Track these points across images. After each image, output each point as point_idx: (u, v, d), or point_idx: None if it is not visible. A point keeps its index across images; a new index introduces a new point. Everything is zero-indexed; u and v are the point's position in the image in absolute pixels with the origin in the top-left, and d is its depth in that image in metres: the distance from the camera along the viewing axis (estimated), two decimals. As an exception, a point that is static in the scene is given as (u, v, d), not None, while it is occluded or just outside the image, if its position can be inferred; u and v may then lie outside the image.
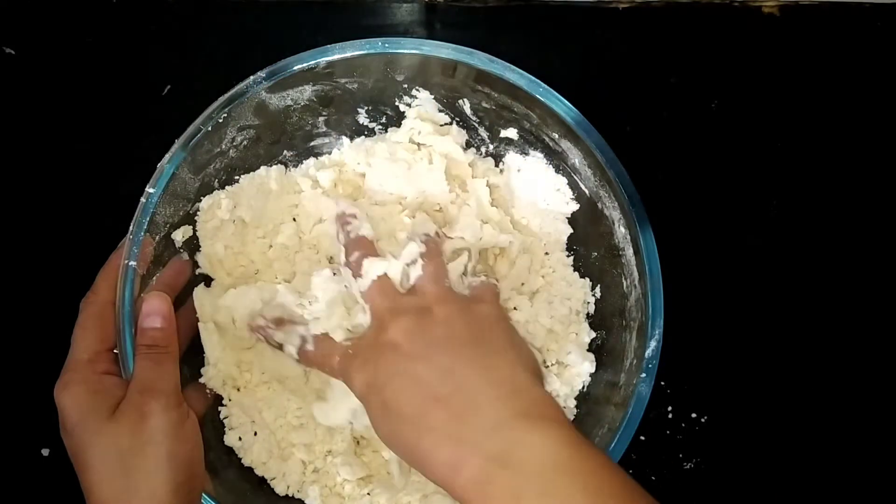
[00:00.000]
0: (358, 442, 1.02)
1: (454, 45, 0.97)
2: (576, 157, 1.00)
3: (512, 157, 1.09)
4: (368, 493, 0.98)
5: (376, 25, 1.22)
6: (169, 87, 1.18)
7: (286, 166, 1.08)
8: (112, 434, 0.83)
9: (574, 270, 1.07)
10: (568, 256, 1.07)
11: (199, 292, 1.00)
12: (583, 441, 0.75)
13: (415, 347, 0.82)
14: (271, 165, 1.06)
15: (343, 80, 1.02)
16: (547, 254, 1.07)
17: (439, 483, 0.78)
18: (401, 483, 0.99)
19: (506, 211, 1.07)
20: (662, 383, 1.12)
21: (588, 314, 1.06)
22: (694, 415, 1.13)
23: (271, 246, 1.04)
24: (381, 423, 0.83)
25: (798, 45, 1.23)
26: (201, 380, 0.99)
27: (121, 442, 0.83)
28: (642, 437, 1.10)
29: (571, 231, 1.08)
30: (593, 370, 1.03)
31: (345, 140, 1.09)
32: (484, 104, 1.04)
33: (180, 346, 0.94)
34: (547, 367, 1.03)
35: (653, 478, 1.11)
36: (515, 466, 0.73)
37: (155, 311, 0.90)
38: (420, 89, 1.04)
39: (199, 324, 0.99)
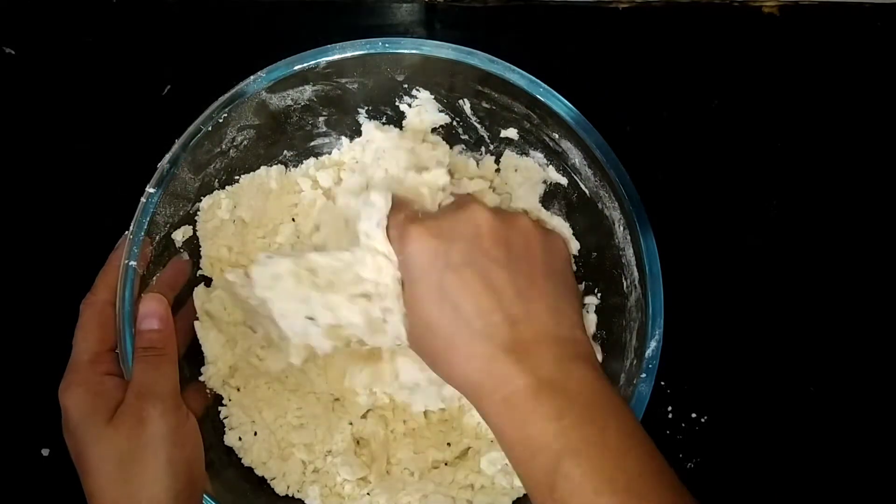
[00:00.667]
0: (358, 442, 1.02)
1: (454, 46, 0.97)
2: (576, 158, 1.00)
3: (509, 158, 1.09)
4: (368, 493, 0.99)
5: (376, 25, 1.22)
6: (169, 87, 1.18)
7: (286, 166, 1.09)
8: (111, 439, 0.83)
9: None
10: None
11: (200, 292, 1.01)
12: (618, 392, 0.84)
13: (497, 247, 0.84)
14: (271, 165, 1.07)
15: (343, 80, 1.02)
16: None
17: (468, 386, 0.82)
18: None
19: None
20: (662, 383, 1.12)
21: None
22: (694, 415, 1.13)
23: (271, 246, 1.04)
24: (427, 302, 0.84)
25: (798, 45, 1.23)
26: (201, 378, 0.99)
27: (120, 447, 0.83)
28: (642, 437, 1.10)
29: (572, 235, 1.07)
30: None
31: (344, 140, 1.10)
32: (484, 104, 1.04)
33: (181, 346, 0.94)
34: None
35: (653, 478, 1.11)
36: (562, 393, 0.77)
37: (151, 312, 0.90)
38: (420, 89, 1.04)
39: (196, 322, 0.99)
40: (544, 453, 0.76)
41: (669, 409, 1.13)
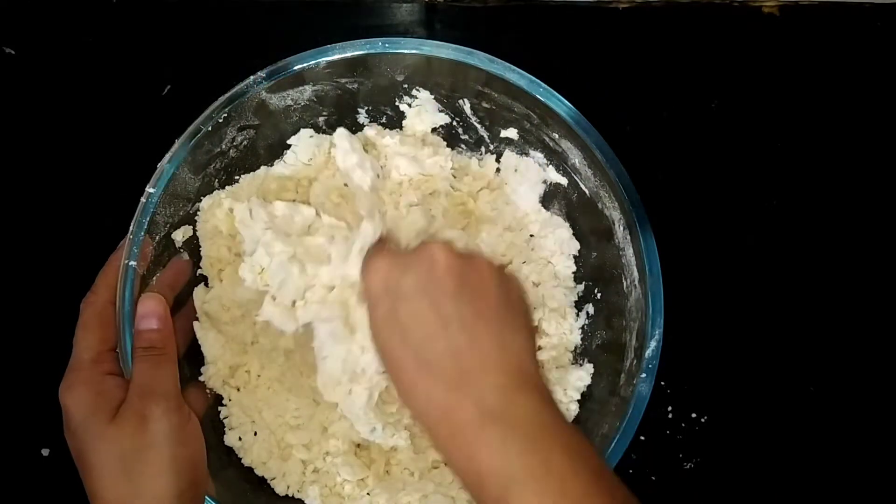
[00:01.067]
0: (358, 445, 1.02)
1: (455, 46, 0.97)
2: (576, 157, 1.01)
3: (509, 158, 1.10)
4: (368, 494, 0.99)
5: (376, 25, 1.22)
6: (169, 87, 1.19)
7: (286, 166, 1.08)
8: (113, 438, 0.83)
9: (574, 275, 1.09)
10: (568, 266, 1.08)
11: (200, 292, 1.01)
12: (566, 420, 0.80)
13: (449, 280, 0.83)
14: (271, 165, 1.07)
15: (343, 80, 1.02)
16: (550, 263, 1.09)
17: (421, 418, 0.82)
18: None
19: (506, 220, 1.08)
20: (662, 383, 1.12)
21: (587, 313, 1.07)
22: (694, 415, 1.13)
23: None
24: (381, 328, 0.84)
25: (798, 45, 1.24)
26: (201, 378, 0.99)
27: (122, 446, 0.83)
28: (642, 437, 1.09)
29: (572, 235, 1.09)
30: (590, 380, 1.04)
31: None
32: (484, 104, 1.04)
33: (181, 345, 0.95)
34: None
35: (653, 478, 1.11)
36: (505, 421, 0.76)
37: (150, 312, 0.90)
38: (420, 89, 1.05)
39: (195, 323, 0.99)
40: (491, 483, 0.77)
41: (669, 409, 1.13)
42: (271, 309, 0.92)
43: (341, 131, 1.05)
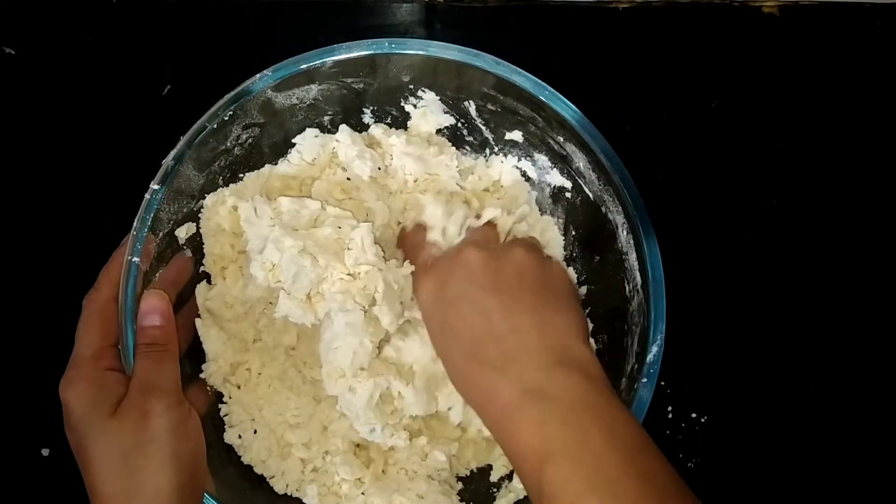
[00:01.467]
0: (358, 445, 1.02)
1: (461, 47, 0.97)
2: (580, 161, 1.00)
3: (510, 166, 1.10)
4: (363, 493, 0.99)
5: (376, 25, 1.22)
6: (169, 87, 1.18)
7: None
8: (115, 432, 0.83)
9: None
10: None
11: (202, 289, 1.00)
12: (612, 395, 0.83)
13: (486, 277, 0.89)
14: (276, 164, 1.06)
15: (349, 80, 1.02)
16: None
17: (476, 405, 0.88)
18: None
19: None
20: (662, 383, 1.13)
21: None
22: (694, 415, 1.13)
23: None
24: (438, 338, 0.92)
25: (798, 45, 1.24)
26: (202, 375, 0.99)
27: (123, 440, 0.83)
28: (643, 437, 1.10)
29: (563, 240, 1.10)
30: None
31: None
32: (489, 106, 1.04)
33: (182, 343, 0.95)
34: None
35: (653, 477, 1.11)
36: (546, 399, 0.80)
37: (153, 309, 0.91)
38: (426, 90, 1.05)
39: (197, 320, 0.99)
40: (531, 458, 0.79)
41: (669, 409, 1.13)
42: (288, 303, 0.94)
43: (344, 127, 1.05)
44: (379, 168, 1.05)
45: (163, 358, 0.89)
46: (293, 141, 1.06)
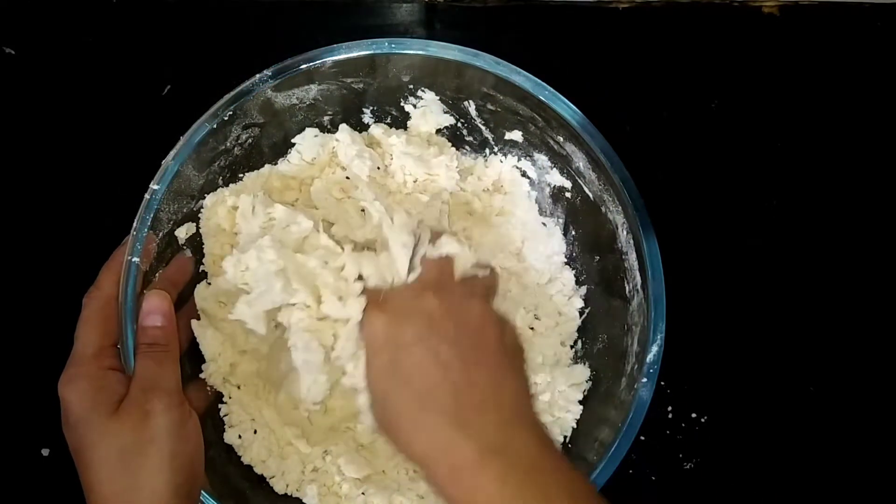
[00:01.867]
0: (362, 445, 1.02)
1: (460, 47, 0.98)
2: (580, 161, 1.01)
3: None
4: (363, 493, 0.99)
5: (376, 25, 1.22)
6: (169, 87, 1.18)
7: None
8: (115, 432, 0.83)
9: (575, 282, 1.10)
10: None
11: (201, 289, 1.00)
12: (564, 458, 0.83)
13: (446, 328, 0.85)
14: (275, 164, 1.07)
15: (349, 80, 1.02)
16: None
17: (419, 457, 0.83)
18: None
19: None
20: (662, 383, 1.12)
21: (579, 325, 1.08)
22: (694, 415, 1.13)
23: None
24: (381, 379, 0.86)
25: (798, 45, 1.24)
26: (201, 376, 0.99)
27: (123, 440, 0.83)
28: (642, 437, 1.09)
29: (565, 257, 1.11)
30: (588, 374, 1.05)
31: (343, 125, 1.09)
32: (489, 106, 1.04)
33: (183, 343, 0.95)
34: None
35: (653, 478, 1.11)
36: (506, 457, 0.78)
37: (155, 309, 0.90)
38: (426, 90, 1.05)
39: (193, 322, 0.98)
40: None
41: (669, 409, 1.13)
42: (245, 309, 0.93)
43: (344, 126, 1.06)
44: (378, 168, 1.05)
45: (164, 358, 0.89)
46: (293, 141, 1.06)
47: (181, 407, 0.87)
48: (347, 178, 1.04)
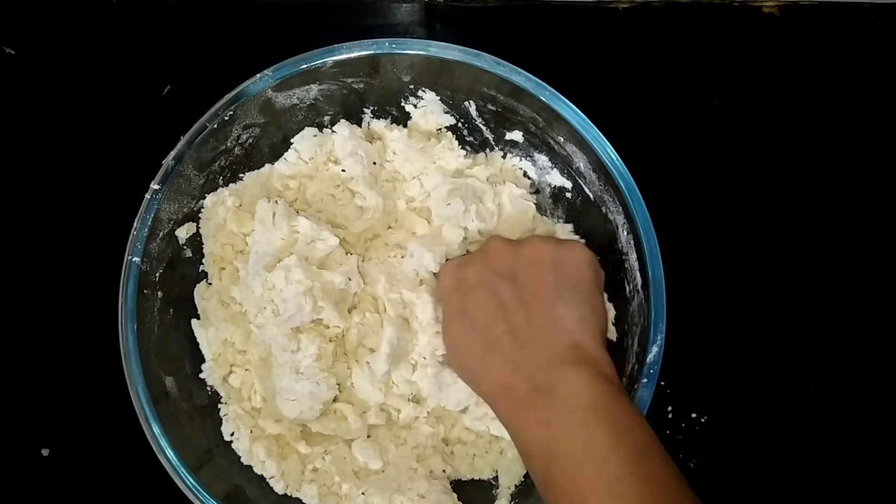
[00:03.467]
0: (369, 435, 1.02)
1: (461, 47, 0.98)
2: (581, 161, 1.01)
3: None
4: (363, 493, 0.99)
5: (376, 25, 1.22)
6: (169, 87, 1.18)
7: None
8: None
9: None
10: None
11: (201, 289, 1.01)
12: (620, 394, 0.84)
13: (504, 264, 0.92)
14: (276, 164, 1.06)
15: (349, 80, 1.02)
16: None
17: (486, 396, 0.90)
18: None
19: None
20: (662, 383, 1.12)
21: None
22: (694, 415, 1.13)
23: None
24: (455, 325, 0.93)
25: (798, 45, 1.24)
26: (201, 375, 1.00)
27: None
28: (643, 437, 1.10)
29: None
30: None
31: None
32: (490, 106, 1.04)
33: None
34: None
35: (653, 477, 1.11)
36: (554, 398, 0.82)
37: None
38: (426, 90, 1.05)
39: (193, 321, 0.99)
40: (539, 457, 0.82)
41: (669, 409, 1.13)
42: (274, 330, 0.96)
43: (343, 122, 1.06)
44: (374, 163, 1.05)
45: None
46: (291, 141, 1.06)
47: None
48: (343, 170, 1.04)
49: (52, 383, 0.87)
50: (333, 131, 1.05)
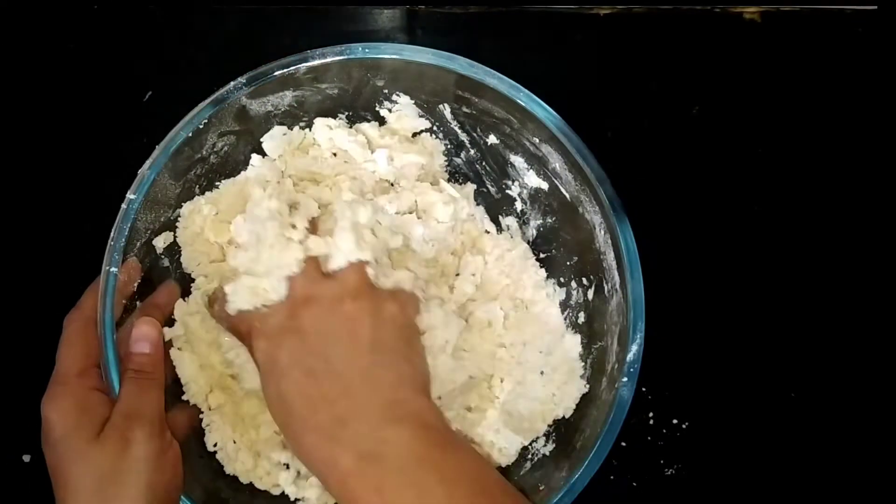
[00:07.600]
0: None
1: (434, 51, 0.98)
2: (556, 162, 1.01)
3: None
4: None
5: (358, 31, 1.22)
6: (150, 93, 1.18)
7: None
8: (94, 457, 0.83)
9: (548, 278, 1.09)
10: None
11: (180, 306, 1.00)
12: (448, 440, 0.84)
13: (317, 342, 0.86)
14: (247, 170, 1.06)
15: (324, 86, 1.02)
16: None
17: (316, 475, 0.86)
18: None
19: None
20: (644, 389, 1.12)
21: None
22: (675, 421, 1.13)
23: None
24: (274, 409, 0.87)
25: (779, 52, 1.24)
26: (184, 397, 0.98)
27: (102, 467, 0.83)
28: (623, 444, 1.09)
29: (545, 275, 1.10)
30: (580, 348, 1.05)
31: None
32: (464, 109, 1.04)
33: (168, 373, 0.95)
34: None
35: (634, 484, 1.11)
36: (381, 462, 0.80)
37: (144, 336, 0.91)
38: (400, 94, 1.05)
39: (171, 351, 0.98)
40: None
41: (651, 414, 1.13)
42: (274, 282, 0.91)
43: (321, 119, 1.07)
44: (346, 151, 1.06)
45: (149, 386, 0.89)
46: (260, 140, 1.06)
47: (162, 436, 0.87)
48: (334, 154, 1.06)
49: (34, 390, 0.86)
50: (329, 127, 1.06)
